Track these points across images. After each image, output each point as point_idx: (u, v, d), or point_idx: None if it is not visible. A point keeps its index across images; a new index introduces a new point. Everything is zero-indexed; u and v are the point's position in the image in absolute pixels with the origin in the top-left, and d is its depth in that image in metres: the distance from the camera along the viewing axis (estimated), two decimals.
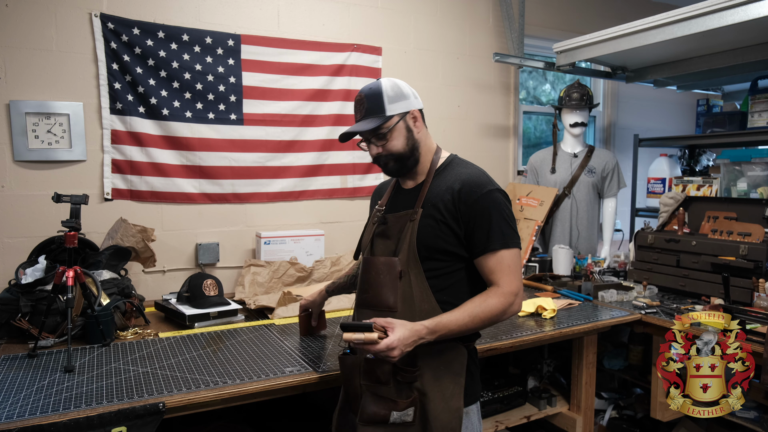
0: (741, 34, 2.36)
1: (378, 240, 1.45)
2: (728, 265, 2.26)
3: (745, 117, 2.90)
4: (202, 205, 2.56)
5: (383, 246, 1.43)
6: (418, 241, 1.35)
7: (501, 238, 1.32)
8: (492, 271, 1.33)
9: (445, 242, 1.35)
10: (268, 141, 2.66)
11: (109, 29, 2.29)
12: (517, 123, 3.51)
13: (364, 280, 1.42)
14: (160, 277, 2.49)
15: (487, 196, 1.34)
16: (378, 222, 1.46)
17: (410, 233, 1.36)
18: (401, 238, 1.38)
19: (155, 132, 2.42)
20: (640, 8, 3.78)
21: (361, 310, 1.43)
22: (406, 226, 1.38)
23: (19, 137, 2.17)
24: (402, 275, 1.35)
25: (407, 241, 1.36)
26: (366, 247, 1.48)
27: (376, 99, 1.36)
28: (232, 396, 1.41)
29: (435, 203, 1.36)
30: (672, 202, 2.73)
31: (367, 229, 1.53)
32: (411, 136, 1.39)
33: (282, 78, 2.67)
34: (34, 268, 1.91)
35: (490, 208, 1.33)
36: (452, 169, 1.42)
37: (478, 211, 1.33)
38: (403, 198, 1.45)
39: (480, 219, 1.33)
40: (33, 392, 1.37)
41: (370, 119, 1.36)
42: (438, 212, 1.35)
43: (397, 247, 1.39)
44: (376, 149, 1.39)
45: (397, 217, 1.41)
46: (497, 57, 3.07)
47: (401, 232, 1.38)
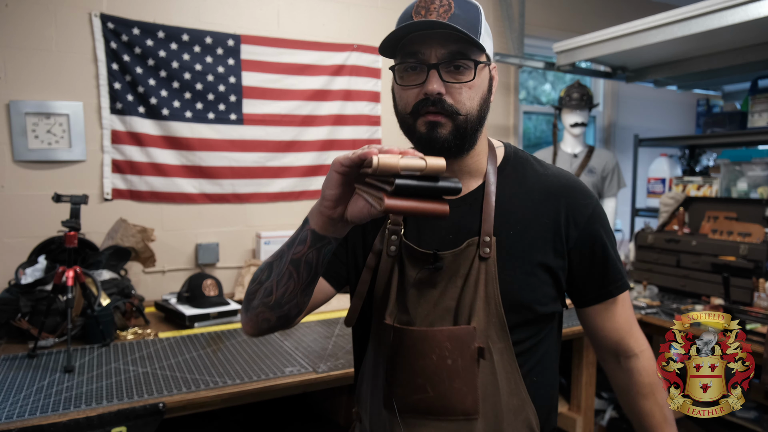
0: (741, 34, 2.35)
1: (417, 294, 0.88)
2: (728, 265, 2.26)
3: (745, 117, 2.90)
4: (202, 205, 2.56)
5: (429, 305, 0.88)
6: (504, 296, 0.86)
7: (620, 275, 0.95)
8: (616, 327, 0.96)
9: (543, 294, 0.89)
10: (268, 141, 2.66)
11: (109, 29, 2.29)
12: (517, 123, 3.51)
13: (407, 370, 0.86)
14: (160, 277, 2.49)
15: (598, 213, 0.93)
16: (415, 261, 0.89)
17: (485, 282, 0.86)
18: (465, 289, 0.86)
19: (155, 132, 2.42)
20: (640, 8, 3.77)
21: (411, 422, 0.87)
22: (473, 268, 0.86)
23: (18, 137, 2.17)
24: (482, 355, 0.85)
25: (482, 296, 0.86)
26: (391, 307, 0.90)
27: (471, 11, 0.84)
28: (232, 396, 1.41)
29: (519, 227, 0.89)
30: (672, 202, 2.73)
31: (380, 272, 0.91)
32: (488, 99, 0.88)
33: (282, 78, 2.67)
34: (34, 268, 1.91)
35: (603, 230, 0.93)
36: (523, 166, 0.95)
37: (592, 237, 0.92)
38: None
39: (595, 249, 0.92)
40: (33, 392, 1.37)
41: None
42: (524, 242, 0.88)
43: (459, 307, 0.86)
44: (438, 86, 0.81)
45: (455, 255, 0.87)
46: (497, 57, 3.07)
47: (466, 280, 0.86)
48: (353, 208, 0.73)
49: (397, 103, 0.89)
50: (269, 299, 0.82)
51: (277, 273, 0.81)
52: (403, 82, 0.86)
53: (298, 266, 0.79)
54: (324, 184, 0.73)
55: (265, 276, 0.83)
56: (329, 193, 0.72)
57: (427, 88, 0.82)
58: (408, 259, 0.90)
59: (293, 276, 0.80)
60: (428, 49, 0.82)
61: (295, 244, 0.79)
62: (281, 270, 0.81)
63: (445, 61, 0.82)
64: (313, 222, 0.78)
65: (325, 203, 0.74)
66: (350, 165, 0.68)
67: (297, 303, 0.83)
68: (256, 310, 0.84)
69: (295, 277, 0.80)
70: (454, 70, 0.83)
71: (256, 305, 0.83)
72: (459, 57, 0.82)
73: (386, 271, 0.91)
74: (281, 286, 0.81)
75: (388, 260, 0.91)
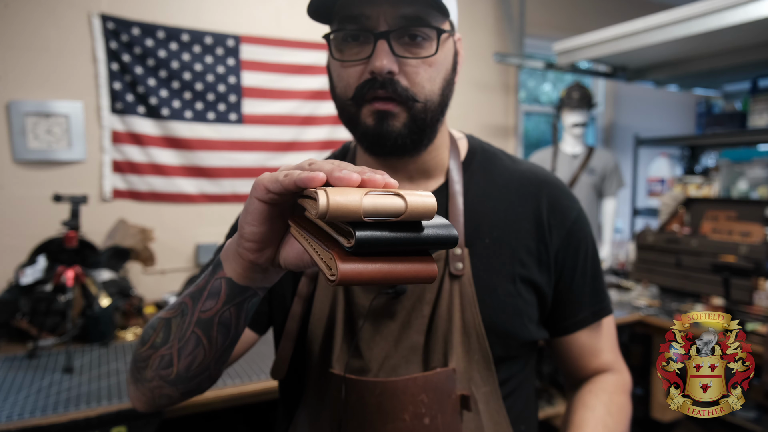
0: (741, 34, 2.35)
1: (371, 330, 0.68)
2: (728, 265, 2.26)
3: (745, 117, 2.90)
4: (202, 205, 2.56)
5: (388, 344, 0.68)
6: (487, 324, 0.68)
7: (603, 296, 0.77)
8: (596, 351, 0.77)
9: (529, 318, 0.71)
10: (268, 141, 2.66)
11: (109, 29, 2.29)
12: (517, 123, 3.51)
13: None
14: (159, 277, 2.49)
15: (584, 219, 0.76)
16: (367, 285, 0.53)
17: (461, 307, 0.67)
18: (435, 319, 0.67)
19: (155, 132, 2.42)
20: (640, 8, 3.77)
21: None
22: (444, 290, 0.67)
23: (18, 137, 2.17)
24: (467, 406, 0.65)
25: (459, 327, 0.66)
26: (337, 351, 0.68)
27: None
28: (232, 396, 1.41)
29: (495, 233, 0.70)
30: (672, 202, 2.73)
31: (317, 303, 0.70)
32: (452, 80, 0.71)
33: (282, 78, 2.67)
34: (34, 269, 1.91)
35: (587, 241, 0.76)
36: (492, 161, 0.77)
37: (575, 247, 0.74)
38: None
39: (577, 262, 0.74)
40: (33, 392, 1.37)
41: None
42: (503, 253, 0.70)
43: (430, 344, 0.67)
44: (389, 61, 0.62)
45: None
46: (497, 57, 3.07)
47: (435, 307, 0.67)
48: (289, 251, 0.49)
49: (335, 84, 0.69)
50: (168, 372, 0.58)
51: (179, 337, 0.57)
52: (341, 56, 0.66)
53: (208, 329, 0.55)
54: (241, 216, 0.49)
55: (161, 339, 0.58)
56: (250, 231, 0.48)
57: (374, 64, 0.62)
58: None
59: (202, 343, 0.56)
60: (375, 11, 0.62)
61: (203, 298, 0.55)
62: (184, 333, 0.56)
63: (398, 29, 0.62)
64: (228, 268, 0.53)
65: (246, 244, 0.49)
66: (280, 192, 0.44)
67: (210, 375, 0.61)
68: (150, 383, 0.60)
69: (205, 344, 0.56)
70: (410, 42, 0.63)
71: (150, 377, 0.60)
72: (416, 23, 0.62)
73: (327, 301, 0.69)
74: (185, 355, 0.57)
75: (327, 286, 0.69)
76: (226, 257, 0.54)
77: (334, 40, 0.68)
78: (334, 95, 0.71)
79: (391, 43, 0.62)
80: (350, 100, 0.66)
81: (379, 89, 0.63)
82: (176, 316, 0.58)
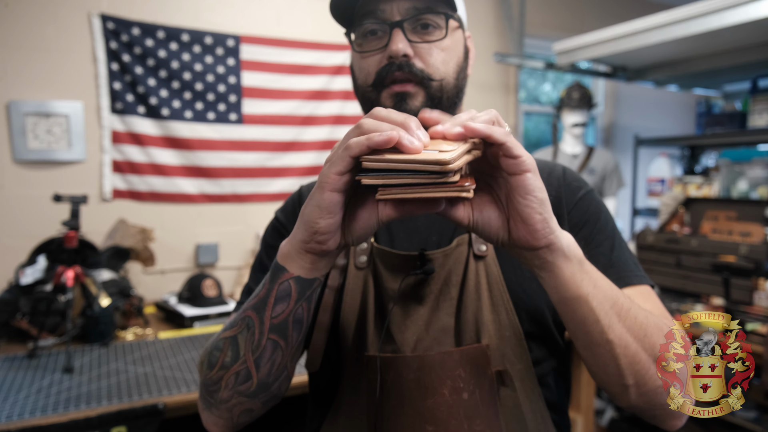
0: (741, 34, 2.35)
1: (401, 314, 0.69)
2: (728, 265, 2.26)
3: (745, 117, 2.90)
4: (202, 205, 2.56)
5: (418, 328, 0.68)
6: (515, 301, 0.68)
7: (629, 265, 0.72)
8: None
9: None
10: (268, 141, 2.66)
11: (109, 29, 2.29)
12: (517, 123, 3.51)
13: (410, 416, 0.64)
14: (159, 278, 2.49)
15: (592, 194, 0.77)
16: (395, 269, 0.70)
17: (488, 285, 0.68)
18: (463, 300, 0.68)
19: (155, 132, 2.42)
20: (640, 8, 3.77)
21: None
22: (470, 271, 0.69)
23: (18, 137, 2.17)
24: (503, 381, 0.66)
25: (488, 304, 0.68)
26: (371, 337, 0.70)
27: None
28: None
29: None
30: (672, 202, 2.73)
31: (348, 292, 0.72)
32: (465, 68, 0.77)
33: (282, 78, 2.67)
34: (34, 268, 1.91)
35: (602, 210, 0.75)
36: None
37: (594, 215, 0.73)
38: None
39: (598, 227, 0.73)
40: (33, 392, 1.37)
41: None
42: None
43: (460, 323, 0.68)
44: (404, 45, 0.69)
45: (446, 256, 0.70)
46: (497, 57, 3.07)
47: (463, 288, 0.69)
48: (359, 224, 0.53)
49: (357, 76, 0.75)
50: (248, 385, 0.61)
51: (251, 349, 0.59)
52: (362, 49, 0.73)
53: (284, 331, 0.59)
54: (309, 214, 0.52)
55: (230, 357, 0.60)
56: (326, 224, 0.52)
57: (391, 48, 0.68)
58: (385, 268, 0.70)
59: (279, 345, 0.59)
60: (389, 4, 0.69)
61: (270, 305, 0.58)
62: (258, 344, 0.59)
63: (411, 17, 0.69)
64: (294, 267, 0.56)
65: (320, 238, 0.53)
66: (349, 168, 0.49)
67: (287, 374, 0.64)
68: (229, 403, 0.62)
69: (283, 346, 0.59)
70: (422, 30, 0.70)
71: (227, 398, 0.62)
72: (426, 12, 0.69)
73: (358, 290, 0.71)
74: (264, 363, 0.60)
75: (357, 274, 0.71)
76: (288, 259, 0.57)
77: (355, 37, 0.74)
78: (356, 86, 0.76)
79: (405, 30, 0.70)
80: (370, 86, 0.72)
81: (397, 71, 0.70)
82: (241, 331, 0.60)
